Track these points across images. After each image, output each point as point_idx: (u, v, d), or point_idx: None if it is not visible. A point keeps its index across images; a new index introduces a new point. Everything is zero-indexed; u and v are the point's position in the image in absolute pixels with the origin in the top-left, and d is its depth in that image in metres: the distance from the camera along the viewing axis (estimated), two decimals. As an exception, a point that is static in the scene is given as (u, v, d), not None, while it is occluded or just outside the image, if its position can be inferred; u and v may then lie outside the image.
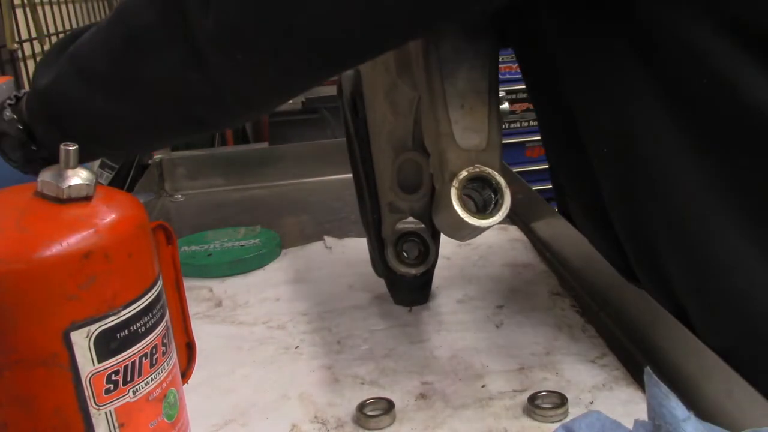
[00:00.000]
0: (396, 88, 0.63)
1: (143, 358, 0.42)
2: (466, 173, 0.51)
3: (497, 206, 0.51)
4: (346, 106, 0.69)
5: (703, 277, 0.51)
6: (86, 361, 0.39)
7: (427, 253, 0.69)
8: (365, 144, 0.68)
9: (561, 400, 0.55)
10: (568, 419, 0.54)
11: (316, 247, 0.91)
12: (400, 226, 0.68)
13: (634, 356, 0.62)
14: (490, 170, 0.51)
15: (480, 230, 0.52)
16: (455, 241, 0.87)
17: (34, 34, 1.40)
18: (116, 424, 0.41)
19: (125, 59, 0.51)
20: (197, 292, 0.80)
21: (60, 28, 1.58)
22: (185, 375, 0.54)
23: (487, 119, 0.53)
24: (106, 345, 0.40)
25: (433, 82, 0.53)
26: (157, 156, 1.24)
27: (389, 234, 0.68)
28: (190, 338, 0.55)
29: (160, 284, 0.44)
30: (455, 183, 0.51)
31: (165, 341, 0.44)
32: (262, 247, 0.88)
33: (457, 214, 0.50)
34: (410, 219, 0.68)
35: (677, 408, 0.44)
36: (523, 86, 0.68)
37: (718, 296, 0.51)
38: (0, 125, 0.58)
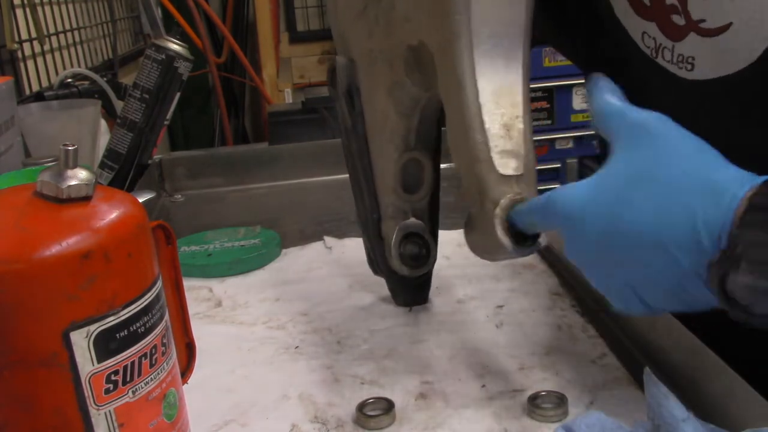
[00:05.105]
0: (400, 87, 0.62)
1: (143, 358, 0.42)
2: (509, 201, 0.51)
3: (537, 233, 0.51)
4: (342, 99, 0.68)
5: None
6: (86, 361, 0.39)
7: (429, 254, 0.69)
8: (363, 139, 0.68)
9: (561, 400, 0.55)
10: (568, 419, 0.54)
11: (316, 247, 0.91)
12: (402, 226, 0.67)
13: (634, 356, 0.62)
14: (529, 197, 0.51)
15: (518, 256, 0.52)
16: (455, 240, 0.88)
17: (34, 34, 1.40)
18: (116, 424, 0.41)
19: None
20: (197, 292, 0.80)
21: (60, 28, 1.59)
22: (185, 375, 0.54)
23: (524, 142, 0.52)
24: (106, 345, 0.40)
25: (468, 100, 0.52)
26: (157, 156, 1.24)
27: (391, 235, 0.68)
28: (190, 338, 0.55)
29: (159, 284, 0.44)
30: (498, 211, 0.50)
31: (164, 341, 0.44)
32: (262, 247, 0.88)
33: (500, 242, 0.50)
34: (412, 220, 0.68)
35: (676, 408, 0.44)
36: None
37: None
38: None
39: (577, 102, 2.43)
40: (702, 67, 0.51)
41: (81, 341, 0.39)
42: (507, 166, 0.51)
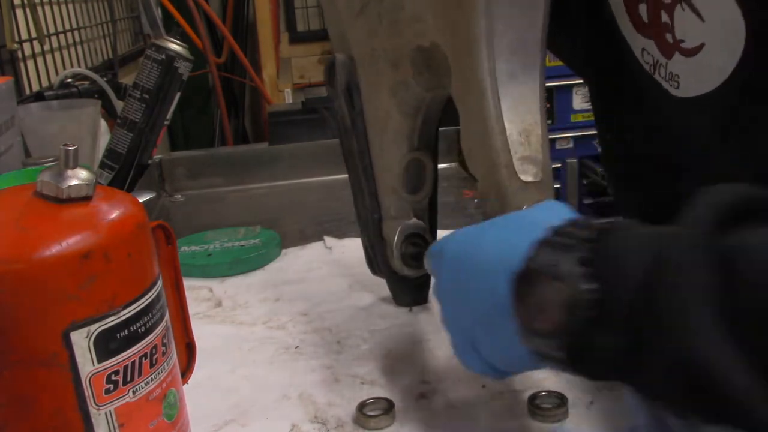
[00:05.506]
0: (405, 87, 0.62)
1: (143, 358, 0.42)
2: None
3: None
4: (341, 98, 0.68)
5: None
6: (86, 361, 0.39)
7: None
8: (363, 139, 0.67)
9: (561, 400, 0.55)
10: (568, 419, 0.54)
11: (316, 247, 0.91)
12: (404, 227, 0.67)
13: (634, 356, 0.62)
14: None
15: None
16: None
17: (34, 34, 1.40)
18: (116, 424, 0.41)
19: None
20: (197, 292, 0.80)
21: (60, 28, 1.59)
22: (185, 375, 0.54)
23: (542, 148, 0.52)
24: (106, 345, 0.40)
25: (489, 106, 0.52)
26: (157, 156, 1.24)
27: (392, 235, 0.67)
28: (190, 338, 0.55)
29: (160, 284, 0.44)
30: None
31: (165, 341, 0.44)
32: (262, 247, 0.88)
33: None
34: (413, 220, 0.67)
35: (677, 408, 0.44)
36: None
37: None
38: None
39: (577, 102, 2.43)
40: (685, 85, 0.52)
41: (81, 341, 0.39)
42: (527, 172, 0.52)
